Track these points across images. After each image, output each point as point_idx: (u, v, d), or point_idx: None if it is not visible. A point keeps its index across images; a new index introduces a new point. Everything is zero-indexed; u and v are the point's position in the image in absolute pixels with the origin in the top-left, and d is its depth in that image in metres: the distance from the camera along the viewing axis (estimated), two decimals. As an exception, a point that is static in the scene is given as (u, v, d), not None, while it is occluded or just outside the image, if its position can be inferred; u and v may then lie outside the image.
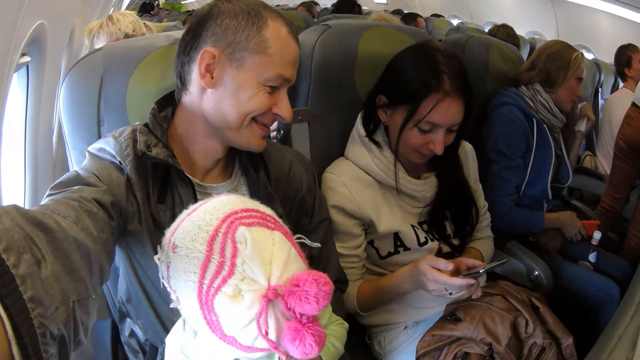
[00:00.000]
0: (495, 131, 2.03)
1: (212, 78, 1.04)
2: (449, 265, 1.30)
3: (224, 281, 0.73)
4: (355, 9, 4.86)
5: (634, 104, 2.95)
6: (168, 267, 0.78)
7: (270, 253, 0.76)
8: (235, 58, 1.03)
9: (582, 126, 2.43)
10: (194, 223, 0.78)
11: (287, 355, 0.75)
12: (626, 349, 1.09)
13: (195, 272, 0.74)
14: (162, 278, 0.81)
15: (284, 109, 1.08)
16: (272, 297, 0.72)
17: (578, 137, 2.43)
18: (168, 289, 0.80)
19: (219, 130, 1.09)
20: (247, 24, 1.03)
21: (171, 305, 0.82)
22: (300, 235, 0.86)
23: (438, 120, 1.35)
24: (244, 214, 0.79)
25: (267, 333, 0.72)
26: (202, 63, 1.03)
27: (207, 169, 1.15)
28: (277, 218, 0.84)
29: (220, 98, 1.05)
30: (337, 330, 1.10)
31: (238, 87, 1.04)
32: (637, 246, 2.79)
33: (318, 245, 0.84)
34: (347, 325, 1.15)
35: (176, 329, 0.93)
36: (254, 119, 1.07)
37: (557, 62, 2.10)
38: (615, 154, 3.03)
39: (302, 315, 0.72)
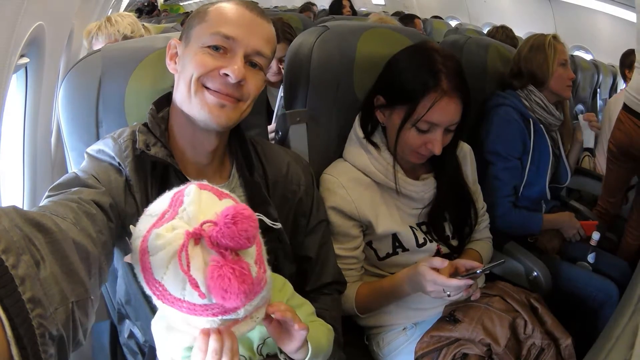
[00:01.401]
0: (492, 132, 2.03)
1: (175, 64, 1.12)
2: (444, 262, 1.30)
3: (162, 223, 0.76)
4: (341, 11, 4.87)
5: (624, 108, 2.98)
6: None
7: (211, 207, 0.78)
8: (186, 37, 1.10)
9: (581, 134, 2.41)
10: (169, 192, 0.84)
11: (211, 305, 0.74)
12: (624, 349, 1.09)
13: (146, 226, 0.78)
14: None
15: (232, 67, 1.02)
16: (197, 232, 0.73)
17: (577, 141, 2.41)
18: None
19: (184, 112, 1.08)
20: (199, 12, 1.11)
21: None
22: (259, 214, 0.87)
23: (436, 119, 1.35)
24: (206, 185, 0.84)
25: (188, 269, 0.71)
26: (168, 53, 1.14)
27: (202, 166, 1.15)
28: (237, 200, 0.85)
29: (178, 77, 1.10)
30: (320, 327, 1.10)
31: (185, 58, 1.08)
32: (634, 242, 2.81)
33: (279, 225, 0.82)
34: (330, 327, 1.15)
35: (159, 314, 0.96)
36: (204, 86, 1.04)
37: (534, 59, 2.10)
38: (608, 158, 3.07)
39: (226, 250, 0.72)
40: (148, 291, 0.76)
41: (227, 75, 1.02)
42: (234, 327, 0.80)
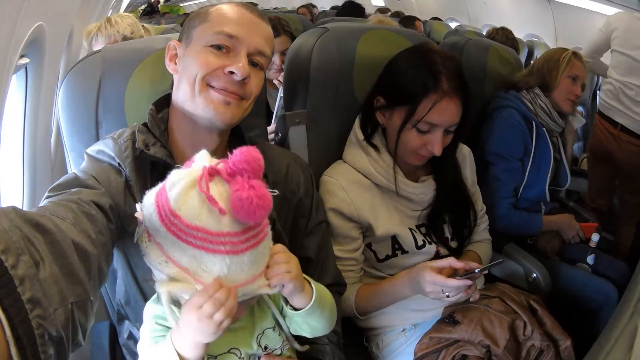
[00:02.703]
0: (494, 134, 2.03)
1: (176, 65, 1.12)
2: (459, 262, 1.31)
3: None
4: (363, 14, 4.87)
5: (598, 113, 3.05)
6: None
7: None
8: (187, 38, 1.10)
9: (576, 122, 2.41)
10: None
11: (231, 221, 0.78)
12: (623, 350, 1.09)
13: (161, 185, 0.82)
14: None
15: (237, 65, 1.04)
16: (212, 167, 0.79)
17: (571, 132, 2.42)
18: (142, 249, 0.85)
19: (186, 111, 1.09)
20: (199, 13, 1.12)
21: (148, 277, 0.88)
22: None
23: (436, 120, 1.35)
24: None
25: (208, 190, 0.76)
26: (167, 54, 1.14)
27: None
28: None
29: (179, 77, 1.10)
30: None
31: (187, 58, 1.08)
32: (628, 234, 2.87)
33: (276, 192, 0.85)
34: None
35: (150, 302, 0.98)
36: (209, 85, 1.05)
37: (548, 63, 2.12)
38: (589, 161, 3.17)
39: (242, 176, 0.77)
40: (159, 227, 0.79)
41: (232, 73, 1.03)
42: (247, 286, 0.84)
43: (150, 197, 0.82)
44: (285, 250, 0.94)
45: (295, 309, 1.00)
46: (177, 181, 0.77)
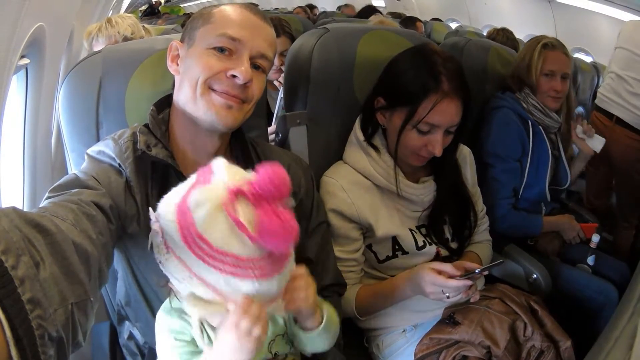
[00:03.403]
0: (491, 134, 2.03)
1: (177, 66, 1.12)
2: (455, 270, 1.30)
3: (200, 186, 0.79)
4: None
5: (595, 108, 3.06)
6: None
7: (240, 173, 0.82)
8: (189, 39, 1.10)
9: (597, 144, 2.32)
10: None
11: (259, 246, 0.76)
12: (623, 351, 1.09)
13: (180, 192, 0.80)
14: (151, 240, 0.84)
15: (240, 69, 1.03)
16: (238, 188, 0.76)
17: (584, 157, 2.35)
18: (156, 256, 0.84)
19: (187, 113, 1.08)
20: (202, 14, 1.11)
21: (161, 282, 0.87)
22: None
23: (437, 120, 1.35)
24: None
25: (237, 215, 0.74)
26: (169, 55, 1.13)
27: (203, 166, 1.15)
28: None
29: (181, 79, 1.09)
30: (328, 304, 1.10)
31: (189, 60, 1.07)
32: (626, 233, 2.87)
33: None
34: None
35: (163, 314, 0.96)
36: (211, 88, 1.05)
37: (521, 63, 2.11)
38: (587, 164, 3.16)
39: (267, 201, 0.76)
40: (181, 246, 0.77)
41: (234, 76, 1.03)
42: (268, 306, 0.83)
43: (167, 207, 0.80)
44: (306, 274, 0.93)
45: (303, 328, 1.00)
46: (202, 202, 0.75)
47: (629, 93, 2.90)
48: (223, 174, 0.80)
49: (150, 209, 0.84)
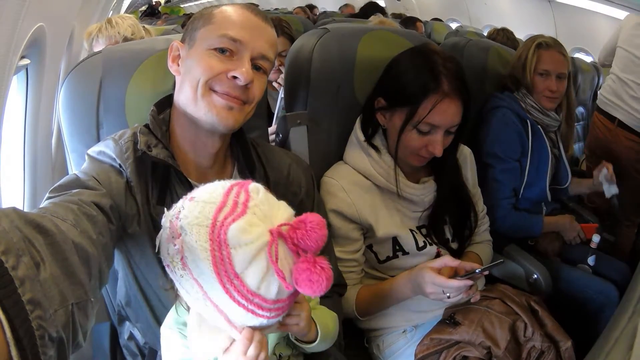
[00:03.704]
0: (490, 135, 2.03)
1: (178, 66, 1.11)
2: (455, 260, 1.31)
3: (238, 216, 0.76)
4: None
5: (596, 110, 3.06)
6: (176, 219, 0.79)
7: (277, 206, 0.84)
8: (190, 39, 1.09)
9: (610, 190, 2.25)
10: (212, 184, 0.84)
11: (294, 294, 0.81)
12: (623, 351, 1.09)
13: (210, 213, 0.76)
14: (159, 241, 0.83)
15: (241, 70, 1.03)
16: (280, 232, 0.77)
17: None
18: (164, 259, 0.82)
19: (188, 114, 1.08)
20: (203, 14, 1.11)
21: (167, 286, 0.86)
22: None
23: (437, 121, 1.35)
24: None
25: (277, 261, 0.75)
26: (170, 55, 1.13)
27: (204, 168, 1.15)
28: None
29: (182, 79, 1.09)
30: (326, 312, 1.12)
31: (190, 61, 1.07)
32: (629, 232, 2.88)
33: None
34: (334, 314, 1.16)
35: (169, 317, 0.97)
36: (212, 89, 1.05)
37: (517, 63, 2.11)
38: (587, 159, 3.16)
39: (305, 252, 0.77)
40: (208, 282, 0.76)
41: (235, 78, 1.03)
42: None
43: (196, 229, 0.76)
44: (303, 300, 0.94)
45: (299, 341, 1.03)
46: (244, 243, 0.75)
47: (631, 97, 2.91)
48: (264, 207, 0.80)
49: (166, 210, 0.83)
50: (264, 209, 0.79)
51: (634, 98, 2.88)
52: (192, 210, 0.78)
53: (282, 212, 0.82)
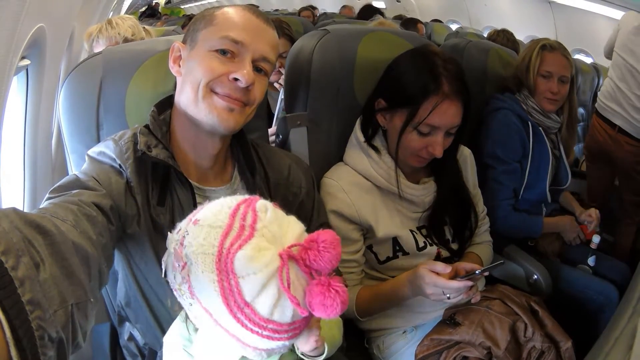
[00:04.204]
0: (490, 136, 2.03)
1: (179, 67, 1.11)
2: (446, 268, 1.30)
3: (245, 241, 0.73)
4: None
5: (595, 113, 3.06)
6: (180, 245, 0.76)
7: (287, 223, 0.79)
8: (191, 40, 1.09)
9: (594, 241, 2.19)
10: (217, 203, 0.80)
11: (309, 317, 0.76)
12: (623, 351, 1.10)
13: (215, 240, 0.73)
14: (166, 265, 0.80)
15: (242, 72, 1.02)
16: (291, 254, 0.74)
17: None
18: (171, 283, 0.79)
19: (188, 115, 1.08)
20: (205, 15, 1.11)
21: (175, 307, 0.83)
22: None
23: (437, 122, 1.36)
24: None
25: (289, 286, 0.72)
26: (171, 56, 1.12)
27: (204, 169, 1.15)
28: None
29: (183, 80, 1.09)
30: (334, 322, 1.09)
31: (191, 62, 1.07)
32: (630, 229, 2.89)
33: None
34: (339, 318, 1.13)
35: (175, 329, 0.93)
36: (213, 91, 1.05)
37: (521, 64, 2.11)
38: (586, 162, 3.18)
39: (318, 273, 0.74)
40: (219, 311, 0.73)
41: (236, 80, 1.03)
42: None
43: (202, 258, 0.73)
44: (315, 321, 0.90)
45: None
46: (253, 271, 0.71)
47: (631, 106, 2.92)
48: (274, 227, 0.77)
49: (169, 234, 0.81)
50: (273, 230, 0.76)
51: (634, 107, 2.89)
52: (197, 237, 0.74)
53: (292, 229, 0.79)
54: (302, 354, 0.98)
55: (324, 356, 0.98)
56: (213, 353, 0.83)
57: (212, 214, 0.77)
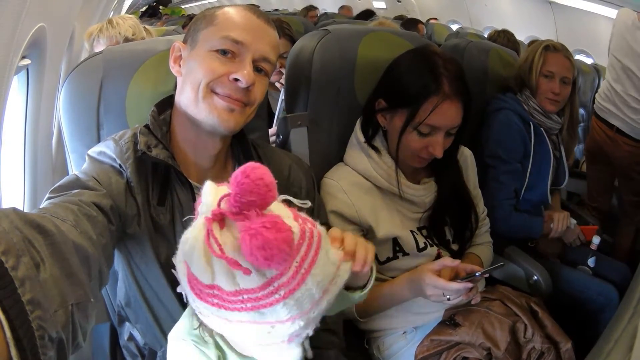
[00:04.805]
0: (492, 136, 2.03)
1: (180, 67, 1.11)
2: (454, 261, 1.31)
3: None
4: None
5: (594, 115, 3.07)
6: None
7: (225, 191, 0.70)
8: (192, 40, 1.09)
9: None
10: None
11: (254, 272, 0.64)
12: (623, 351, 1.09)
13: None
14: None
15: (243, 72, 1.02)
16: (215, 212, 0.66)
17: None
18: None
19: (189, 115, 1.08)
20: (206, 15, 1.11)
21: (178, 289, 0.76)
22: (286, 196, 0.78)
23: (437, 122, 1.36)
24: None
25: (222, 252, 0.63)
26: (171, 56, 1.12)
27: (204, 169, 1.15)
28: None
29: (183, 80, 1.09)
30: None
31: (192, 62, 1.07)
32: (628, 229, 2.89)
33: (308, 204, 0.77)
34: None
35: (181, 321, 0.89)
36: (213, 91, 1.05)
37: (524, 64, 2.12)
38: (586, 163, 3.19)
39: (251, 211, 0.64)
40: (212, 310, 0.67)
41: (237, 80, 1.03)
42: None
43: (179, 267, 0.71)
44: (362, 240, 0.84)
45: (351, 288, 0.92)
46: (190, 249, 0.66)
47: (627, 107, 2.92)
48: (207, 198, 0.70)
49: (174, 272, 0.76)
50: (209, 200, 0.70)
51: (630, 108, 2.90)
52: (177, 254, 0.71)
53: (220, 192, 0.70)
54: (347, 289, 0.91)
55: (369, 285, 0.92)
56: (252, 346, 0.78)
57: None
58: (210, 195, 0.70)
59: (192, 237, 0.67)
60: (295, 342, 0.71)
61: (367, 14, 5.76)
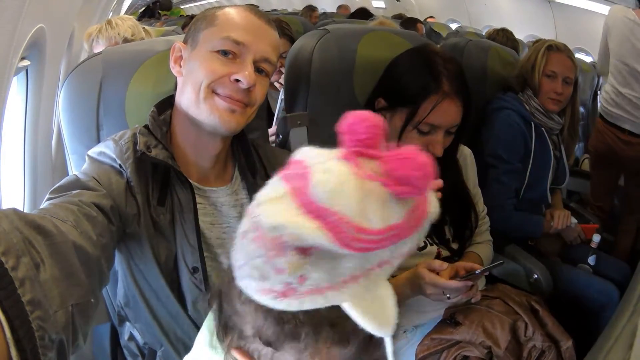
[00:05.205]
0: (493, 136, 2.03)
1: (180, 67, 1.11)
2: (442, 264, 1.30)
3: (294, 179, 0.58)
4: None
5: (600, 117, 3.06)
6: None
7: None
8: (192, 41, 1.09)
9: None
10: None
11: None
12: (623, 350, 1.09)
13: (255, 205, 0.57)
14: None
15: (244, 73, 1.02)
16: (352, 151, 0.57)
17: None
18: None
19: (189, 116, 1.08)
20: (206, 15, 1.10)
21: None
22: None
23: (437, 121, 1.36)
24: None
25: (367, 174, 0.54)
26: (172, 56, 1.12)
27: (205, 169, 1.15)
28: None
29: (184, 81, 1.09)
30: None
31: (193, 62, 1.07)
32: (628, 230, 2.89)
33: None
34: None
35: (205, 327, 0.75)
36: (214, 92, 1.05)
37: (526, 64, 2.12)
38: (591, 164, 3.18)
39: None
40: (336, 263, 0.54)
41: (238, 81, 1.03)
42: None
43: (295, 219, 0.51)
44: None
45: None
46: (339, 186, 0.52)
47: (634, 107, 2.91)
48: (319, 155, 0.59)
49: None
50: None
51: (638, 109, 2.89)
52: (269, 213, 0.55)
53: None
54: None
55: None
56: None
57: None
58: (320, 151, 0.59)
59: (336, 172, 0.54)
60: (384, 269, 0.63)
61: (362, 13, 5.72)
